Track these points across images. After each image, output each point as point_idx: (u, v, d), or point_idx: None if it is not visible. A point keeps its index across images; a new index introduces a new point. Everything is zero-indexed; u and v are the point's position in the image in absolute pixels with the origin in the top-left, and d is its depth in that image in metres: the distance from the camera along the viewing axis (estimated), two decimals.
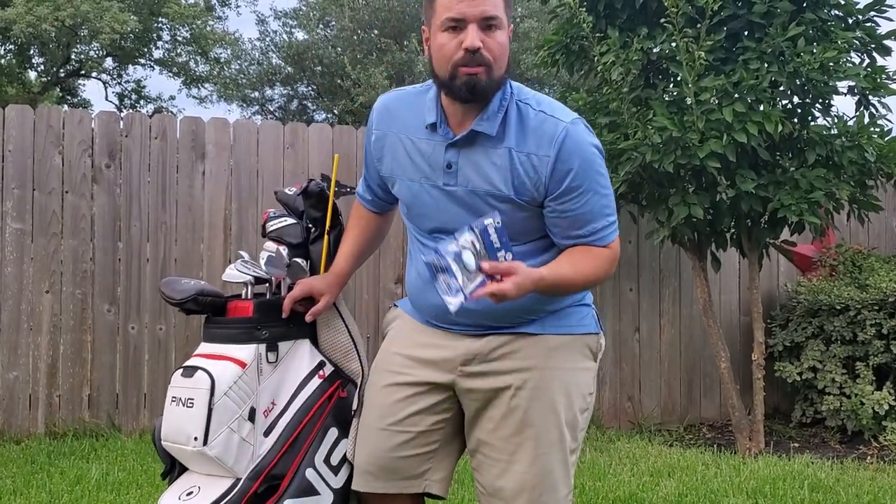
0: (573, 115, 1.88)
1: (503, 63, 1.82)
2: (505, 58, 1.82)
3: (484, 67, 1.78)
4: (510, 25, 1.86)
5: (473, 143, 1.85)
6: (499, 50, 1.80)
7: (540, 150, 1.82)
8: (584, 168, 1.82)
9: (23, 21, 15.46)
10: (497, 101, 1.84)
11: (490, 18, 1.78)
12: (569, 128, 1.83)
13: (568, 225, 1.85)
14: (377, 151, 2.01)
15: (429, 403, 1.99)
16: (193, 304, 2.03)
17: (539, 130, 1.83)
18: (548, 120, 1.84)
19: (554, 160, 1.81)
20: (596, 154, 1.85)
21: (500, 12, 1.79)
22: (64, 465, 4.15)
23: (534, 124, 1.84)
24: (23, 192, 4.85)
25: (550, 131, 1.82)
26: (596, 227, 1.86)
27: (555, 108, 1.87)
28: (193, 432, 1.88)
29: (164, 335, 5.02)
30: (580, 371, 1.97)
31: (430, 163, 1.90)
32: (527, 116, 1.85)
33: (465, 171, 1.86)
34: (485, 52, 1.78)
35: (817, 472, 4.29)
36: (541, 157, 1.82)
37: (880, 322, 5.06)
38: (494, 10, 1.78)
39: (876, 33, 4.60)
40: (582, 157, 1.82)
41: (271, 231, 2.18)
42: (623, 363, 5.70)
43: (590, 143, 1.85)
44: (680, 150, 4.35)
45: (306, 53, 16.64)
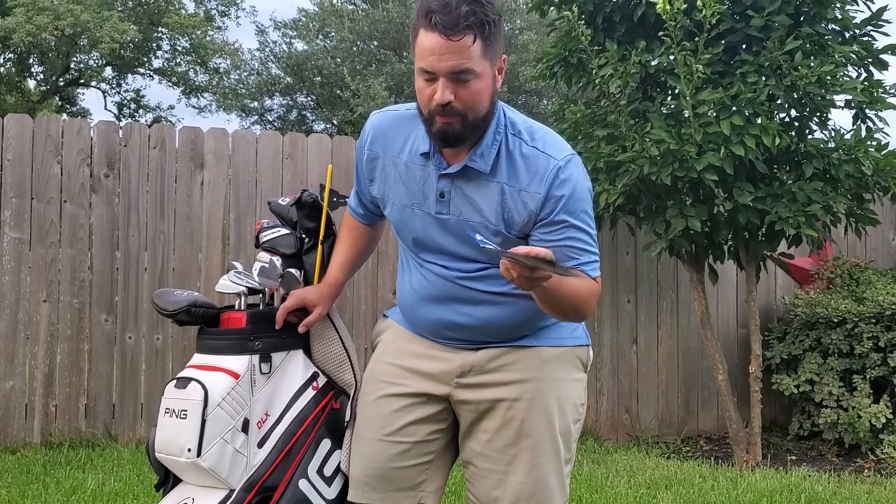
0: (567, 150, 1.86)
1: (480, 107, 1.78)
2: (483, 102, 1.78)
3: (457, 117, 1.77)
4: (500, 58, 1.81)
5: (466, 177, 1.85)
6: (472, 99, 1.75)
7: (531, 186, 1.81)
8: (571, 204, 1.81)
9: (22, 30, 15.49)
10: (490, 135, 1.83)
11: (460, 72, 1.73)
12: (560, 165, 1.81)
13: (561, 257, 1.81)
14: (369, 172, 2.01)
15: (425, 414, 1.99)
16: (186, 316, 2.02)
17: (531, 167, 1.82)
18: (540, 156, 1.82)
19: (544, 197, 1.80)
20: (585, 192, 1.85)
21: (473, 64, 1.73)
22: (60, 476, 4.14)
23: (526, 160, 1.83)
24: (21, 201, 4.85)
25: (542, 168, 1.81)
26: (577, 263, 1.82)
27: (547, 144, 1.85)
28: (187, 444, 1.88)
29: (162, 345, 5.02)
30: (573, 382, 1.99)
31: (424, 190, 1.90)
32: (520, 152, 1.84)
33: (458, 202, 1.87)
34: (456, 104, 1.75)
35: (814, 486, 4.28)
36: (531, 194, 1.81)
37: (877, 335, 5.06)
38: (466, 63, 1.72)
39: (873, 47, 4.62)
40: (570, 193, 1.81)
41: (265, 241, 2.18)
42: (621, 375, 5.70)
43: (580, 181, 1.84)
44: (678, 163, 4.36)
45: (306, 64, 16.69)
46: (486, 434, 1.94)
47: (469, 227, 1.85)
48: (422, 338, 2.02)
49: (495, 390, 1.93)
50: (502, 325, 1.92)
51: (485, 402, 1.93)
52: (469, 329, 1.92)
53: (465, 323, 1.92)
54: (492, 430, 1.93)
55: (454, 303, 1.92)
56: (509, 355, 1.94)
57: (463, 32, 1.71)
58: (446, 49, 1.71)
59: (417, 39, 1.76)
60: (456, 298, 1.91)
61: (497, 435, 1.93)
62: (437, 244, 1.92)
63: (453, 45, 1.71)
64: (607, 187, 4.63)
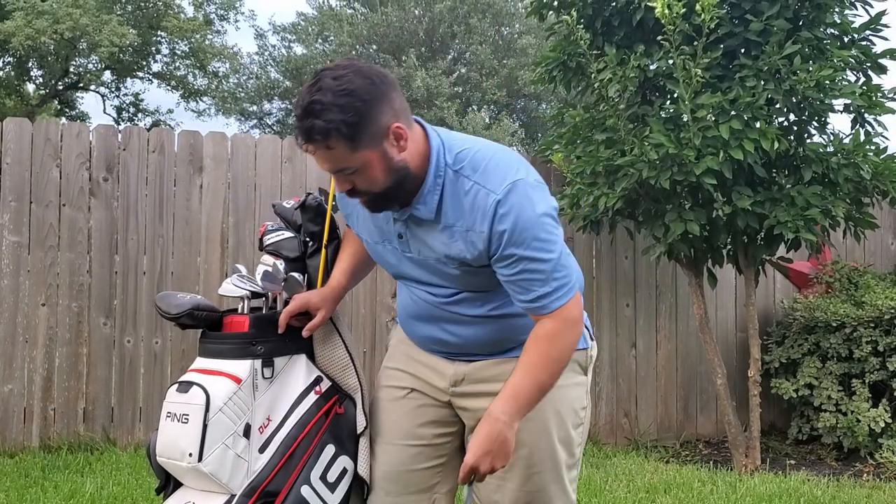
0: (508, 179, 1.77)
1: (378, 186, 1.77)
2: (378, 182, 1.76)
3: (365, 195, 1.80)
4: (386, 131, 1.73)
5: (415, 221, 1.86)
6: (367, 184, 1.76)
7: (475, 224, 1.78)
8: (516, 236, 1.75)
9: (22, 34, 15.50)
10: (431, 180, 1.80)
11: (340, 171, 1.75)
12: (499, 199, 1.75)
13: (513, 290, 1.82)
14: (344, 209, 2.06)
15: (435, 417, 2.02)
16: (189, 319, 2.02)
17: (473, 204, 1.78)
18: (480, 192, 1.77)
19: (488, 234, 1.77)
20: (531, 220, 1.76)
21: (344, 163, 1.73)
22: (58, 479, 4.13)
23: (469, 198, 1.79)
24: (20, 204, 4.85)
25: (482, 205, 1.76)
26: (537, 294, 1.77)
27: (488, 177, 1.78)
28: (188, 448, 1.87)
29: (160, 349, 5.01)
30: (570, 387, 1.97)
31: (386, 230, 1.93)
32: (462, 189, 1.79)
33: (415, 243, 1.89)
34: (358, 188, 1.78)
35: (813, 490, 4.28)
36: (477, 233, 1.78)
37: (876, 339, 5.06)
38: (337, 166, 1.74)
39: (871, 52, 4.63)
40: (513, 225, 1.75)
41: (268, 244, 2.17)
42: (619, 379, 5.70)
43: (524, 210, 1.76)
44: (676, 167, 4.37)
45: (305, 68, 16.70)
46: None
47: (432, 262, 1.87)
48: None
49: (489, 399, 1.91)
50: (485, 342, 1.95)
51: (480, 410, 1.93)
52: (455, 345, 1.96)
53: (450, 340, 1.96)
54: None
55: (439, 321, 1.95)
56: (500, 366, 1.94)
57: (315, 145, 1.71)
58: (315, 154, 1.75)
59: None
60: (440, 318, 1.95)
61: None
62: (412, 276, 1.95)
63: (317, 153, 1.74)
64: (606, 191, 4.63)
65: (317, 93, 1.68)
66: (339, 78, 1.69)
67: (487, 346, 1.95)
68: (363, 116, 1.69)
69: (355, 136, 1.70)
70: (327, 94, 1.67)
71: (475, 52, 16.65)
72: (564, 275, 1.80)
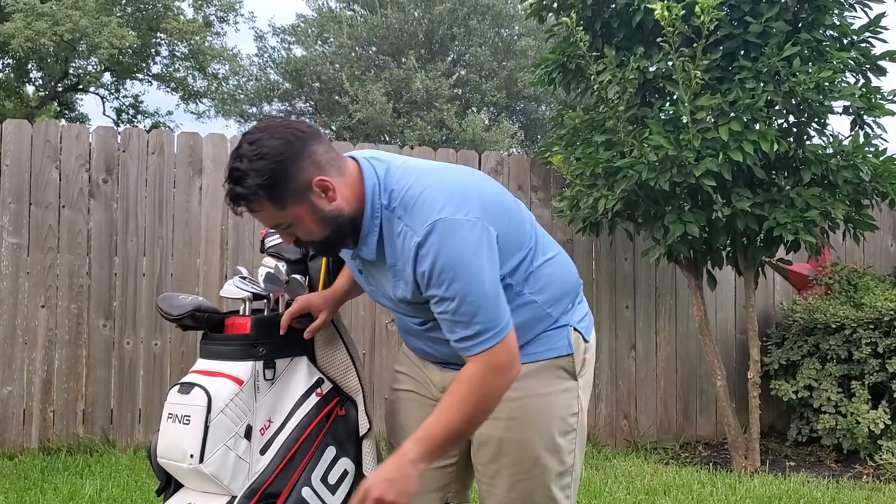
0: (430, 218, 1.73)
1: (316, 236, 1.80)
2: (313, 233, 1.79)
3: (309, 244, 1.85)
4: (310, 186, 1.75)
5: (365, 259, 1.90)
6: (305, 234, 1.81)
7: (404, 267, 1.79)
8: (435, 277, 1.73)
9: (21, 35, 15.51)
10: (368, 222, 1.81)
11: (275, 227, 1.81)
12: (419, 241, 1.73)
13: (445, 328, 1.81)
14: None
15: None
16: (191, 320, 2.03)
17: (402, 246, 1.78)
18: (407, 233, 1.77)
19: (412, 276, 1.78)
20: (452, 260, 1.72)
21: (275, 219, 1.77)
22: (57, 481, 4.13)
23: (400, 241, 1.79)
24: (19, 206, 4.85)
25: (407, 247, 1.77)
26: (460, 336, 1.76)
27: (414, 217, 1.76)
28: (189, 449, 1.88)
29: (160, 350, 5.01)
30: (557, 394, 1.94)
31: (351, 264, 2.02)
32: (395, 230, 1.79)
33: (372, 279, 1.95)
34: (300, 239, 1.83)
35: (813, 491, 4.28)
36: (406, 274, 1.80)
37: (875, 341, 5.06)
38: (271, 221, 1.79)
39: (871, 54, 4.63)
40: (431, 267, 1.73)
41: (270, 247, 2.19)
42: (619, 381, 5.70)
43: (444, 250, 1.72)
44: (676, 169, 4.37)
45: (304, 70, 16.71)
46: (474, 446, 1.98)
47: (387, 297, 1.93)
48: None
49: None
50: None
51: None
52: (441, 357, 1.99)
53: (436, 354, 1.99)
54: (476, 444, 1.96)
55: (425, 340, 1.99)
56: None
57: (243, 207, 1.76)
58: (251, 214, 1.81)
59: None
60: (425, 337, 1.97)
61: (480, 451, 1.96)
62: (383, 304, 2.01)
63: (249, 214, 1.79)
64: (605, 193, 4.64)
65: (236, 160, 1.74)
66: (254, 143, 1.73)
67: None
68: (279, 177, 1.72)
69: (275, 196, 1.73)
70: (244, 160, 1.72)
71: (475, 54, 16.66)
72: (491, 318, 1.74)
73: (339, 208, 1.78)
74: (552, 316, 1.93)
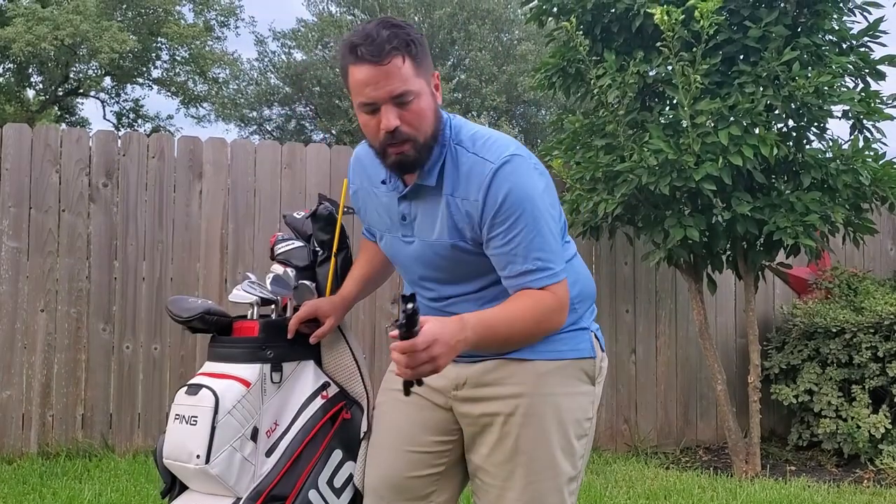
0: (506, 152, 1.80)
1: (428, 126, 1.79)
2: (429, 120, 1.79)
3: (409, 142, 1.78)
4: (434, 74, 1.82)
5: (419, 195, 1.87)
6: (417, 119, 1.77)
7: (471, 194, 1.80)
8: (508, 207, 1.76)
9: (22, 40, 15.53)
10: (437, 149, 1.83)
11: (400, 95, 1.74)
12: (496, 170, 1.77)
13: (500, 265, 1.80)
14: (356, 203, 2.07)
15: (434, 424, 1.99)
16: (200, 323, 2.05)
17: (471, 174, 1.80)
18: (478, 163, 1.79)
19: (482, 203, 1.78)
20: (526, 192, 1.77)
21: (409, 85, 1.74)
22: (56, 486, 4.12)
23: (466, 168, 1.81)
24: (19, 210, 4.85)
25: (479, 175, 1.78)
26: (521, 269, 1.76)
27: (488, 148, 1.81)
28: (196, 450, 1.89)
29: (160, 355, 5.01)
30: (575, 396, 1.94)
31: (391, 215, 1.93)
32: (462, 161, 1.82)
33: (417, 222, 1.89)
34: (404, 128, 1.76)
35: (814, 496, 4.27)
36: (472, 202, 1.80)
37: (876, 345, 5.06)
38: (402, 86, 1.74)
39: (870, 58, 4.64)
40: (506, 195, 1.76)
41: (279, 254, 2.22)
42: (619, 385, 5.69)
43: (519, 182, 1.77)
44: (676, 173, 4.37)
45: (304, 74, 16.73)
46: (485, 448, 1.93)
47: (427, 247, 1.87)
48: None
49: (490, 404, 1.91)
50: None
51: (482, 416, 1.92)
52: None
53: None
54: (490, 445, 1.92)
55: None
56: (504, 368, 1.92)
57: (390, 56, 1.72)
58: (380, 76, 1.73)
59: (349, 78, 1.78)
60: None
61: (494, 450, 1.91)
62: (412, 269, 1.95)
63: (384, 70, 1.73)
64: (605, 197, 4.64)
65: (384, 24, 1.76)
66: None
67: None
68: (423, 44, 1.79)
69: (418, 56, 1.77)
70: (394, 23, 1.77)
71: (475, 59, 16.68)
72: (551, 258, 1.78)
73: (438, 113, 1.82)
74: (578, 312, 1.95)
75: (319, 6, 18.18)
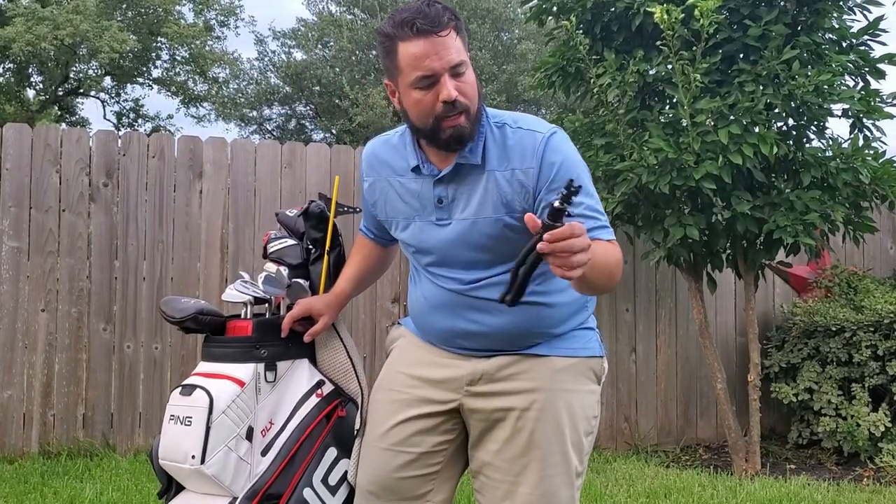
0: (551, 126, 1.89)
1: (476, 99, 1.84)
2: (477, 93, 1.84)
3: (464, 114, 1.81)
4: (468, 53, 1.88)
5: (460, 175, 1.88)
6: (471, 90, 1.82)
7: (524, 163, 1.84)
8: (565, 170, 1.82)
9: (22, 39, 15.53)
10: (476, 129, 1.86)
11: (457, 66, 1.79)
12: (548, 138, 1.84)
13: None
14: (370, 197, 2.06)
15: (432, 424, 1.99)
16: (193, 323, 2.04)
17: (520, 146, 1.85)
18: (526, 135, 1.86)
19: (538, 168, 1.82)
20: (578, 159, 1.87)
21: (463, 55, 1.81)
22: (58, 485, 4.13)
23: (513, 141, 1.86)
24: (20, 210, 4.86)
25: (530, 144, 1.84)
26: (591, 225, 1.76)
27: (531, 123, 1.89)
28: (191, 450, 1.89)
29: (160, 354, 5.01)
30: (585, 394, 1.97)
31: (422, 201, 1.93)
32: (505, 136, 1.87)
33: (456, 204, 1.89)
34: (461, 99, 1.79)
35: (814, 494, 4.28)
36: (525, 171, 1.83)
37: (876, 344, 5.06)
38: (459, 56, 1.79)
39: (870, 57, 4.64)
40: (563, 159, 1.83)
41: (272, 252, 2.21)
42: (619, 384, 5.69)
43: (570, 150, 1.86)
44: (676, 172, 4.37)
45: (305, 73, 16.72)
46: (496, 444, 1.93)
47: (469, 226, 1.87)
48: (433, 346, 2.02)
49: (505, 399, 1.92)
50: (512, 333, 1.91)
51: (495, 411, 1.92)
52: (479, 337, 1.92)
53: (475, 330, 1.92)
54: (502, 440, 1.92)
55: (464, 310, 1.92)
56: (520, 364, 1.93)
57: (446, 27, 1.78)
58: (439, 47, 1.77)
59: (400, 54, 1.79)
60: (466, 307, 1.92)
61: (507, 445, 1.91)
62: (443, 254, 1.93)
63: (442, 41, 1.77)
64: (605, 196, 4.64)
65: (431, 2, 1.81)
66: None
67: (513, 338, 1.92)
68: (462, 22, 1.85)
69: (463, 32, 1.84)
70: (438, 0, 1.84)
71: (474, 58, 16.68)
72: (605, 219, 1.85)
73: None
74: (588, 310, 2.01)
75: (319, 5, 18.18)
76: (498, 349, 1.94)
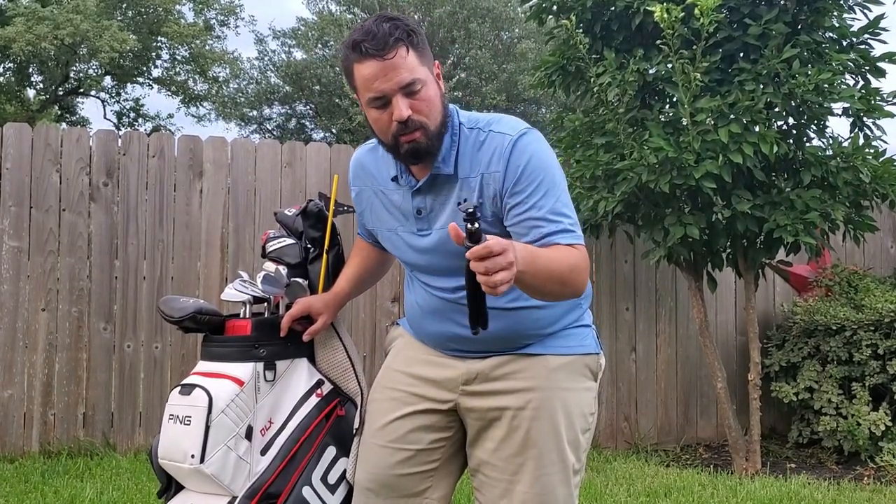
0: (522, 127, 1.86)
1: (437, 113, 1.82)
2: (438, 107, 1.82)
3: (420, 130, 1.79)
4: (435, 64, 1.86)
5: (435, 185, 1.88)
6: (428, 107, 1.80)
7: (491, 166, 1.83)
8: (529, 172, 1.79)
9: (22, 39, 15.54)
10: (448, 139, 1.85)
11: (409, 84, 1.77)
12: (515, 140, 1.82)
13: (524, 232, 1.79)
14: (359, 206, 2.08)
15: (430, 422, 1.99)
16: (192, 323, 2.04)
17: (489, 149, 1.84)
18: (495, 137, 1.84)
19: (504, 172, 1.81)
20: (546, 161, 1.82)
21: (417, 73, 1.78)
22: (58, 485, 4.13)
23: (485, 146, 1.85)
24: (20, 209, 4.86)
25: (499, 147, 1.82)
26: (552, 230, 1.77)
27: (503, 125, 1.86)
28: (190, 450, 1.89)
29: (160, 353, 5.01)
30: (581, 391, 1.97)
31: (403, 212, 1.94)
32: (478, 140, 1.86)
33: (435, 214, 1.90)
34: (415, 117, 1.78)
35: (814, 493, 4.28)
36: (492, 174, 1.82)
37: (876, 343, 5.06)
38: (411, 75, 1.77)
39: (870, 55, 4.63)
40: (528, 161, 1.80)
41: (270, 252, 2.21)
42: (619, 383, 5.69)
43: (538, 151, 1.83)
44: (676, 171, 4.37)
45: (305, 73, 16.73)
46: (492, 443, 1.94)
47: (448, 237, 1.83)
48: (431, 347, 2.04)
49: (500, 398, 1.92)
50: (504, 337, 1.92)
51: (491, 410, 1.93)
52: (472, 341, 1.92)
53: (466, 335, 1.92)
54: (498, 439, 1.93)
55: (455, 316, 1.93)
56: (515, 363, 1.93)
57: (394, 48, 1.75)
58: (388, 69, 1.76)
59: (355, 76, 1.80)
60: (456, 312, 1.92)
61: (503, 444, 1.92)
62: (427, 263, 1.95)
63: (390, 63, 1.75)
64: (606, 195, 4.64)
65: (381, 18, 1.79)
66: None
67: (505, 341, 1.93)
68: (423, 34, 1.83)
69: (419, 45, 1.80)
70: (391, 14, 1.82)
71: (475, 57, 16.68)
72: (573, 222, 1.81)
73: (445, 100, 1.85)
74: (582, 307, 2.00)
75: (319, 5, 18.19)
76: (491, 351, 1.95)
